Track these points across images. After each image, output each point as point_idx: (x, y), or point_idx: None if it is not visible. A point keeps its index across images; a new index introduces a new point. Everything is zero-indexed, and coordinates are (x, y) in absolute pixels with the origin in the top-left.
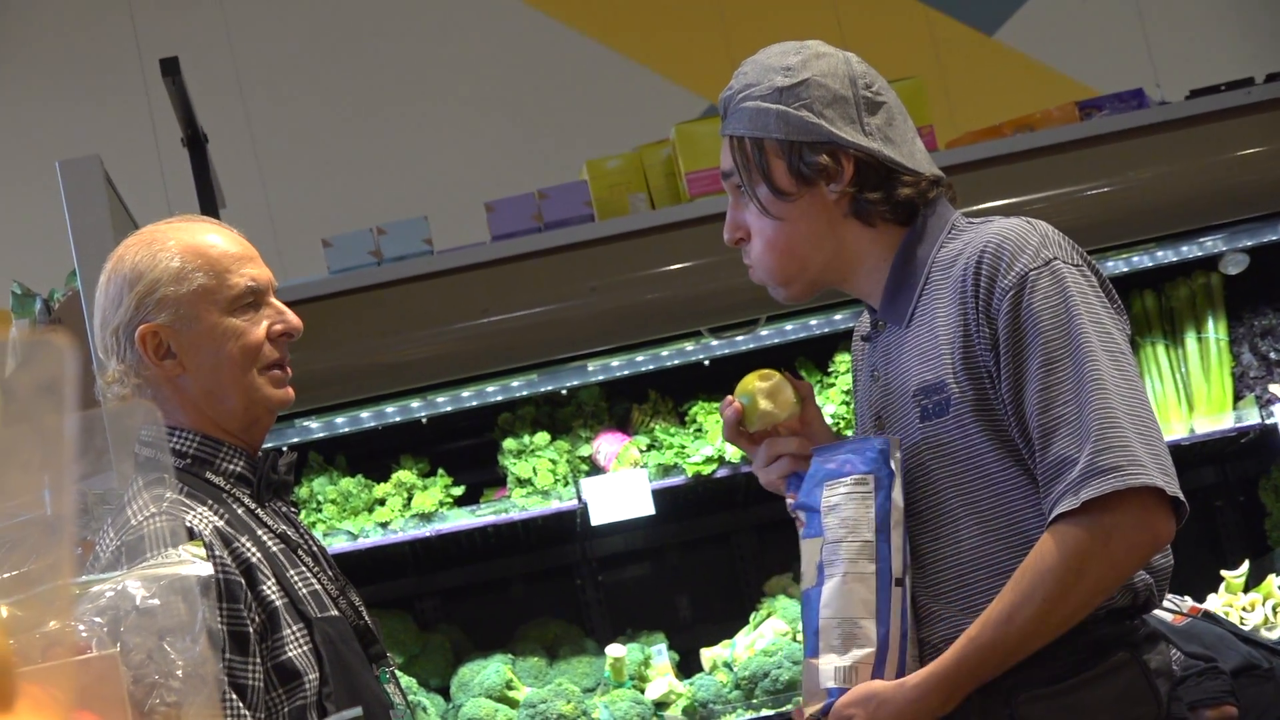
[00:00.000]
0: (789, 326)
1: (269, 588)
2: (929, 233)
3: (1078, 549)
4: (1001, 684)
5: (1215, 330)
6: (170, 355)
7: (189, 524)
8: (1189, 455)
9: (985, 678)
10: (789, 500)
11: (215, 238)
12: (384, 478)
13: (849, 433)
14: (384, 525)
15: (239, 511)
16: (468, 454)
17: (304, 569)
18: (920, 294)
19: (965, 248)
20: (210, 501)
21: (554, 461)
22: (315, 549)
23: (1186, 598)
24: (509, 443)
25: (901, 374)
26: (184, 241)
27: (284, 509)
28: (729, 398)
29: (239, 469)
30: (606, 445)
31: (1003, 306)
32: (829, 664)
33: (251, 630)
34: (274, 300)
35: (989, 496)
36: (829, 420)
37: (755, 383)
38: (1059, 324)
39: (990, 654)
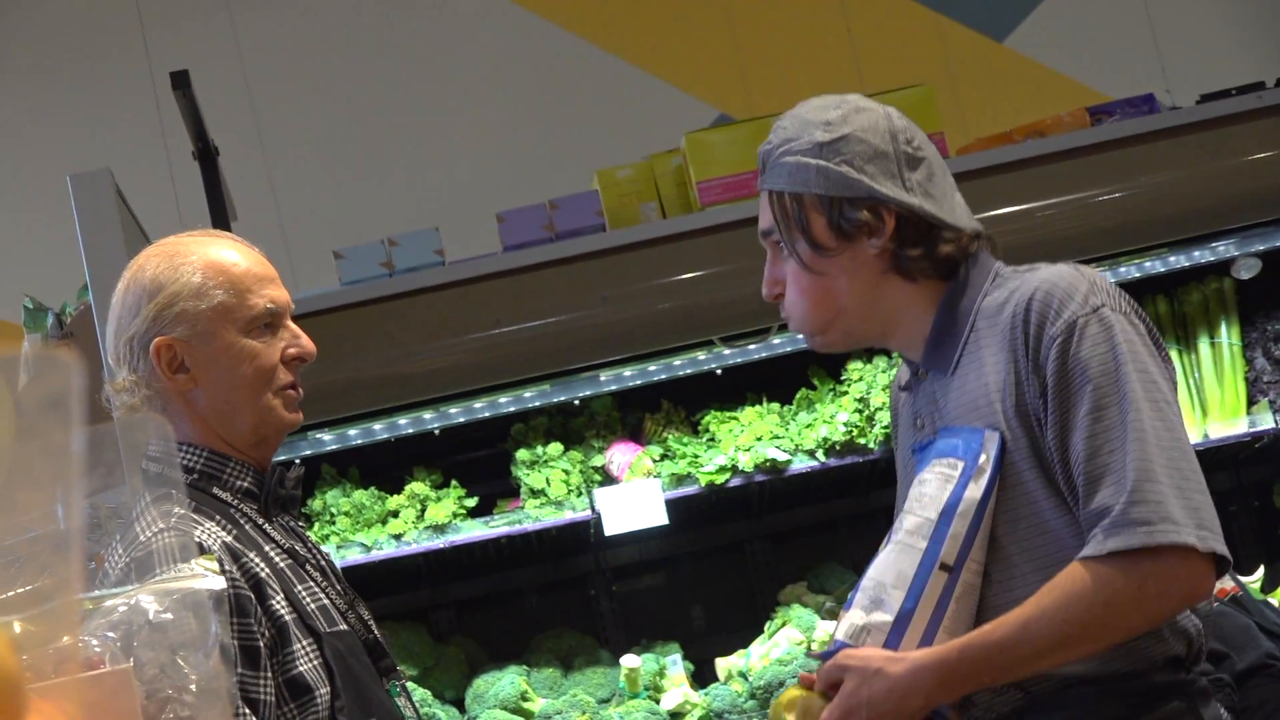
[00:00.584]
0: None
1: (278, 602)
2: (972, 283)
3: (1110, 585)
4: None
5: (1228, 335)
6: (183, 369)
7: (198, 539)
8: (1202, 461)
9: (984, 679)
10: (910, 447)
11: (237, 256)
12: (397, 490)
13: (862, 440)
14: (397, 537)
15: (246, 527)
16: (481, 465)
17: (312, 584)
18: (965, 342)
19: (1013, 295)
20: (218, 517)
21: (567, 472)
22: (323, 563)
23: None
24: (522, 453)
25: (951, 421)
26: (206, 257)
27: (291, 524)
28: None
29: (246, 484)
30: (619, 455)
31: (1051, 354)
32: (849, 619)
33: (262, 645)
34: (290, 324)
35: (1044, 543)
36: (841, 428)
37: (784, 715)
38: (1106, 372)
39: (996, 655)
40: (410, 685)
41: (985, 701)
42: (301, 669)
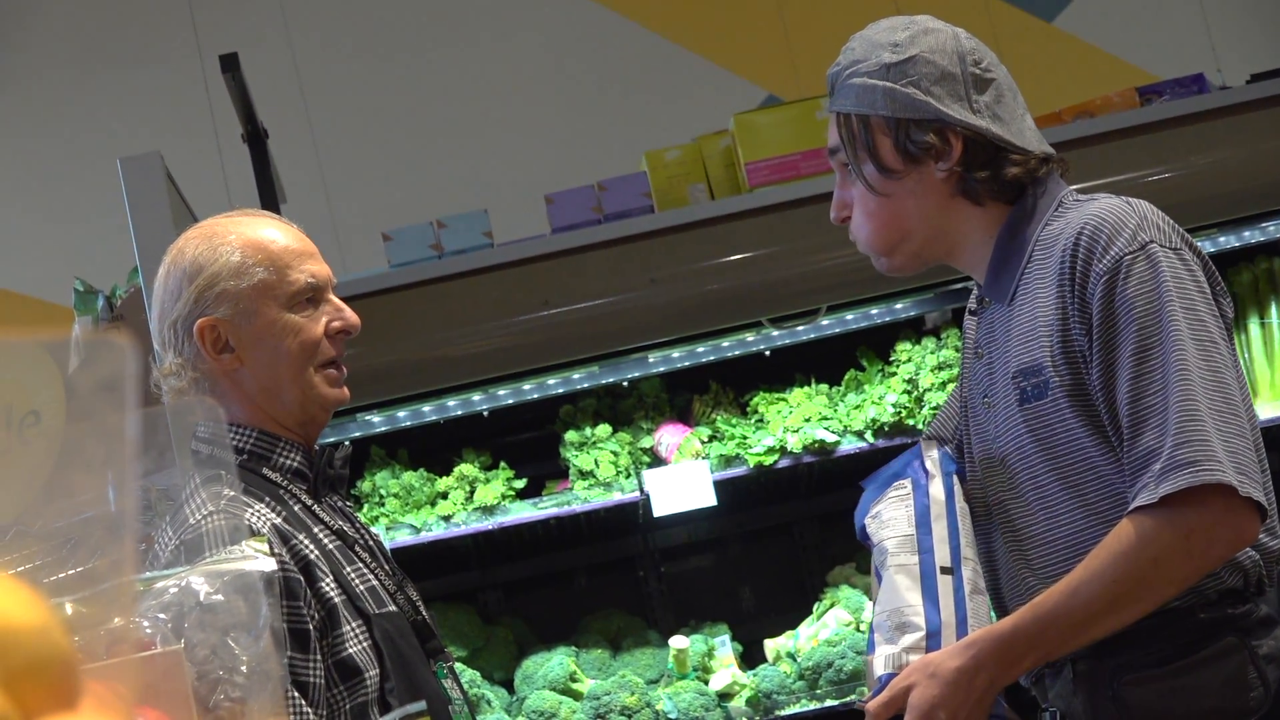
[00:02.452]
0: (850, 316)
1: (327, 584)
2: (1037, 211)
3: (1157, 538)
4: (1105, 665)
5: (1278, 316)
6: (228, 349)
7: (247, 521)
8: None
9: (1045, 650)
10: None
11: (276, 233)
12: (446, 471)
13: (910, 422)
14: (446, 518)
15: (295, 508)
16: (529, 447)
17: (361, 565)
18: (1023, 273)
19: (1066, 227)
20: (267, 498)
21: (615, 453)
22: (372, 544)
23: None
24: (570, 435)
25: (1003, 355)
26: (245, 236)
27: (340, 504)
28: None
29: (296, 464)
30: (668, 436)
31: (1097, 291)
32: (881, 654)
33: (311, 627)
34: (333, 297)
35: (1091, 480)
36: (889, 410)
37: None
38: (1151, 312)
39: (1050, 625)
40: (459, 666)
41: None
42: (351, 651)
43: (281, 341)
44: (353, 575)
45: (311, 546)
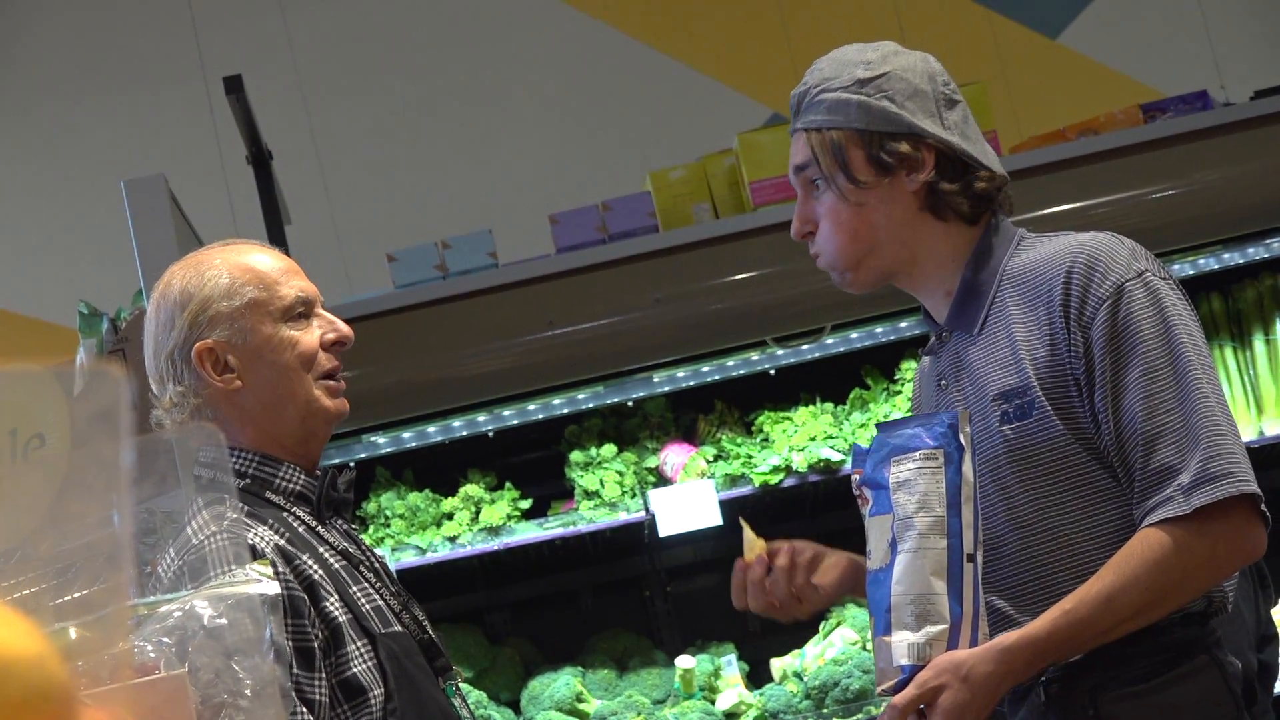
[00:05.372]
0: (854, 335)
1: (332, 604)
2: (998, 245)
3: (1189, 548)
4: (1081, 685)
5: None
6: (229, 370)
7: (251, 542)
8: (1257, 458)
9: (1067, 653)
10: (854, 476)
11: (260, 255)
12: (451, 492)
13: None
14: (452, 539)
15: (299, 529)
16: (535, 467)
17: (366, 585)
18: (992, 303)
19: (1048, 259)
20: (271, 520)
21: (621, 473)
22: (377, 565)
23: None
24: (576, 455)
25: (976, 380)
26: (230, 260)
27: (344, 526)
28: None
29: (298, 487)
30: (673, 456)
31: (1098, 316)
32: (902, 640)
33: (316, 646)
34: (322, 311)
35: (1074, 499)
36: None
37: None
38: (1158, 334)
39: (1081, 630)
40: (465, 687)
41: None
42: (355, 670)
43: (280, 356)
44: (358, 595)
45: (316, 566)
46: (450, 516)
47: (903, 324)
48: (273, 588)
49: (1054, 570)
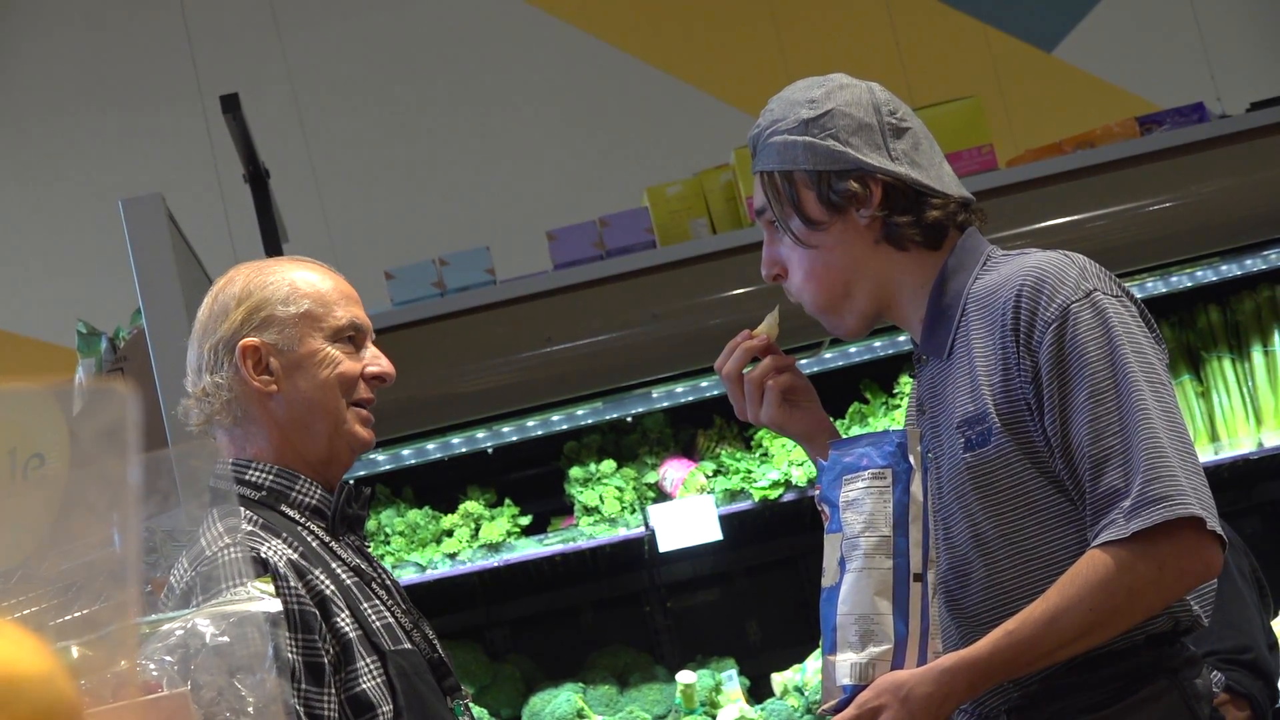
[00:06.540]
0: (853, 349)
1: (343, 620)
2: (964, 265)
3: (1133, 569)
4: (1042, 711)
5: None
6: (267, 372)
7: (263, 555)
8: (1256, 469)
9: (1011, 674)
10: (815, 492)
11: (324, 276)
12: (451, 509)
13: None
14: (452, 556)
15: (313, 544)
16: (534, 483)
17: (378, 602)
18: (958, 327)
19: (1003, 281)
20: (284, 534)
21: (620, 489)
22: (388, 583)
23: None
24: (575, 471)
25: (945, 406)
26: (295, 272)
27: (357, 543)
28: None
29: (314, 502)
30: (673, 471)
31: (1045, 339)
32: (845, 660)
33: (326, 661)
34: (372, 346)
35: (1032, 526)
36: None
37: None
38: (1103, 356)
39: (1024, 651)
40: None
41: (984, 698)
42: (364, 686)
43: (320, 371)
44: (369, 611)
45: (328, 582)
46: (450, 533)
47: (901, 338)
48: (275, 605)
49: (1016, 595)
